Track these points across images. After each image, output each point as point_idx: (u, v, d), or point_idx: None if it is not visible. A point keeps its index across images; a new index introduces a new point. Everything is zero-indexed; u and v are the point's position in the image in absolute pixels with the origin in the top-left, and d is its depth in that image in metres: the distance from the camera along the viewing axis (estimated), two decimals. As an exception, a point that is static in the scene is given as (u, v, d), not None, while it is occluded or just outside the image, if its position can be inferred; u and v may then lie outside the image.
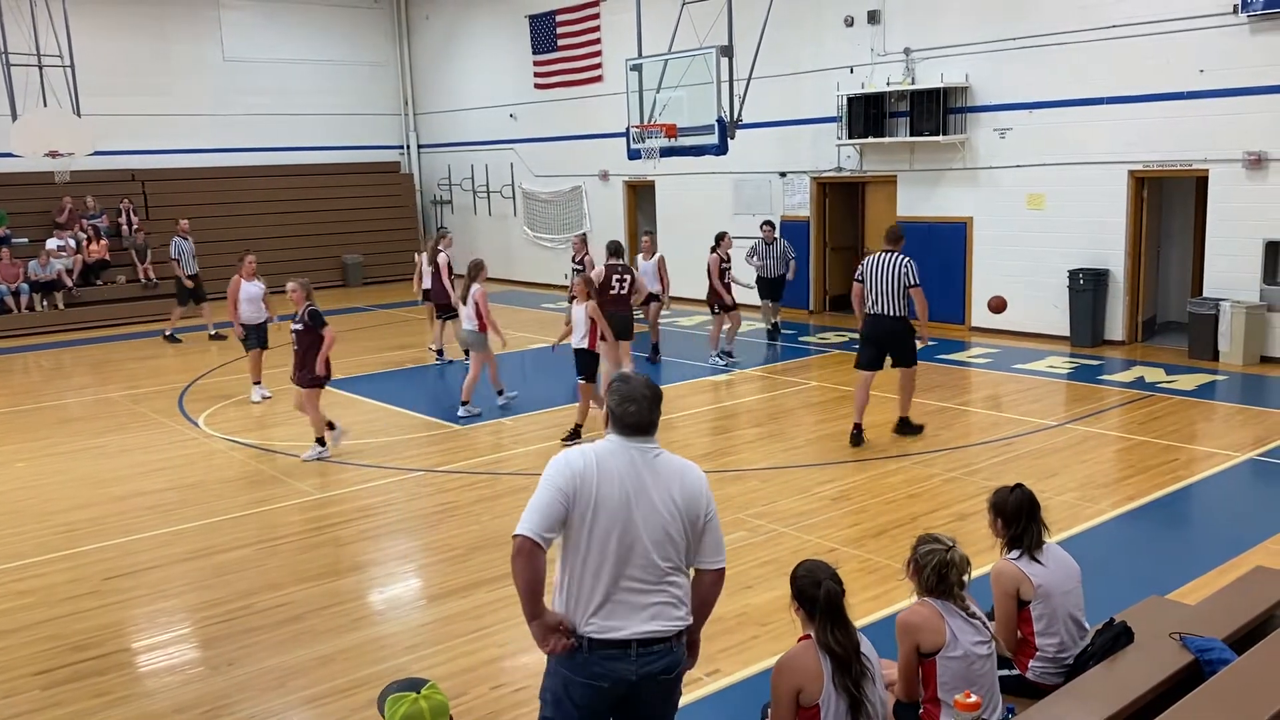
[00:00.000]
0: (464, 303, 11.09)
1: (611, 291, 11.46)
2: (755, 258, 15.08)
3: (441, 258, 13.92)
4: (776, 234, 15.24)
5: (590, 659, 3.42)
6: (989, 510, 4.50)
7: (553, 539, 3.39)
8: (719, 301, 13.48)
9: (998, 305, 10.11)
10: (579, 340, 9.91)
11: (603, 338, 9.95)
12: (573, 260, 14.57)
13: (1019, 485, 4.48)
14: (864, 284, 9.47)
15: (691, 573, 3.62)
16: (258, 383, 12.35)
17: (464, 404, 11.10)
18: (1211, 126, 12.58)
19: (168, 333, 17.20)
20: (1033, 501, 4.42)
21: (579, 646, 3.43)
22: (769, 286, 15.19)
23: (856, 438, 9.56)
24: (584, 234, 14.76)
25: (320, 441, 9.77)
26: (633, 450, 3.49)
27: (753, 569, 6.75)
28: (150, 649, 6.07)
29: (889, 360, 9.64)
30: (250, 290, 12.02)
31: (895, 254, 9.34)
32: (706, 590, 3.64)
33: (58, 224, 20.14)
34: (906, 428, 9.83)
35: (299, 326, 9.59)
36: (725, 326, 13.58)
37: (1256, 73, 12.15)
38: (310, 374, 9.57)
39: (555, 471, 3.43)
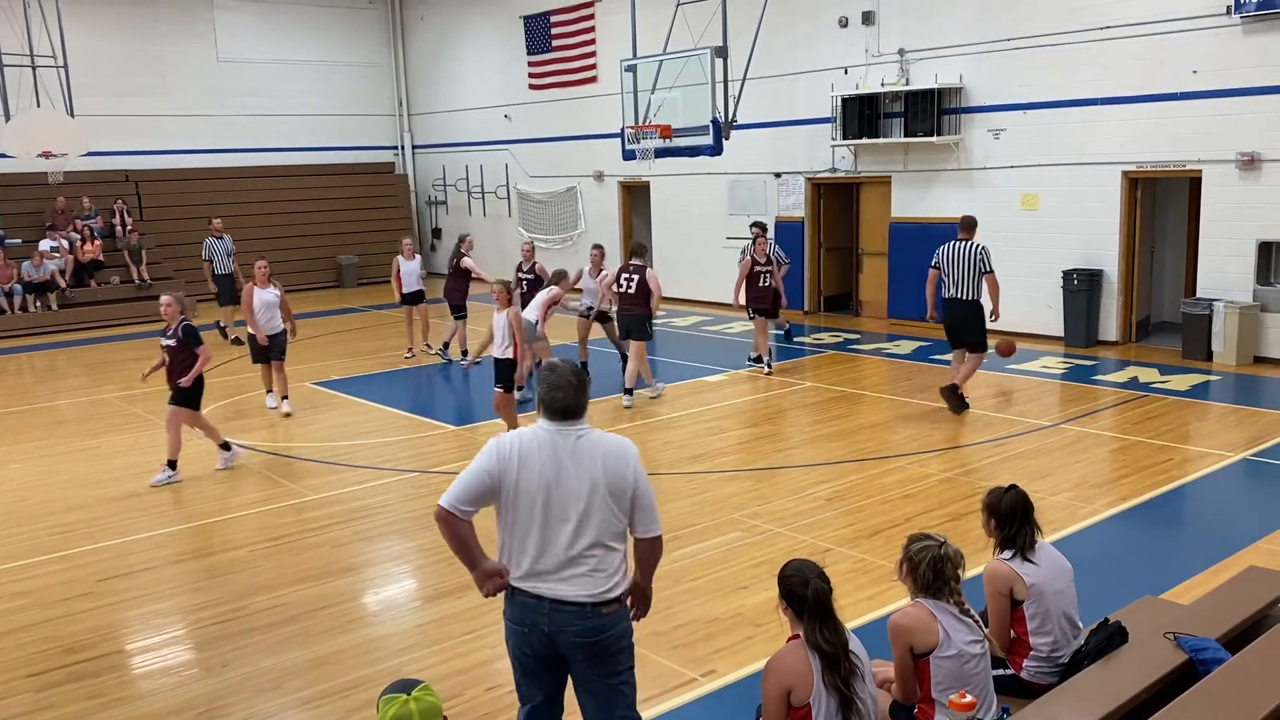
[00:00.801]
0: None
1: (619, 289, 11.56)
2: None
3: (467, 261, 13.97)
4: (769, 236, 14.32)
5: (513, 605, 3.85)
6: (983, 511, 4.51)
7: (472, 511, 3.76)
8: (753, 305, 12.76)
9: (1007, 349, 11.37)
10: (501, 350, 9.63)
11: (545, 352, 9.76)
12: (519, 270, 13.29)
13: (1013, 486, 4.49)
14: (940, 270, 10.39)
15: (630, 542, 3.92)
16: (271, 390, 11.78)
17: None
18: (1205, 127, 12.61)
19: (232, 338, 16.29)
20: (1026, 502, 4.43)
21: (508, 595, 3.85)
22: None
23: (955, 401, 10.46)
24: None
25: (171, 464, 9.18)
26: (557, 436, 3.79)
27: (747, 569, 6.75)
28: (144, 651, 6.05)
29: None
30: (265, 297, 11.32)
31: (970, 241, 10.29)
32: (644, 554, 3.96)
33: (51, 225, 20.08)
34: (954, 397, 10.47)
35: (171, 342, 9.18)
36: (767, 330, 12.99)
37: (1249, 73, 12.18)
38: (183, 390, 9.11)
39: (484, 454, 3.81)
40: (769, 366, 12.84)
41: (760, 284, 12.61)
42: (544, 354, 10.88)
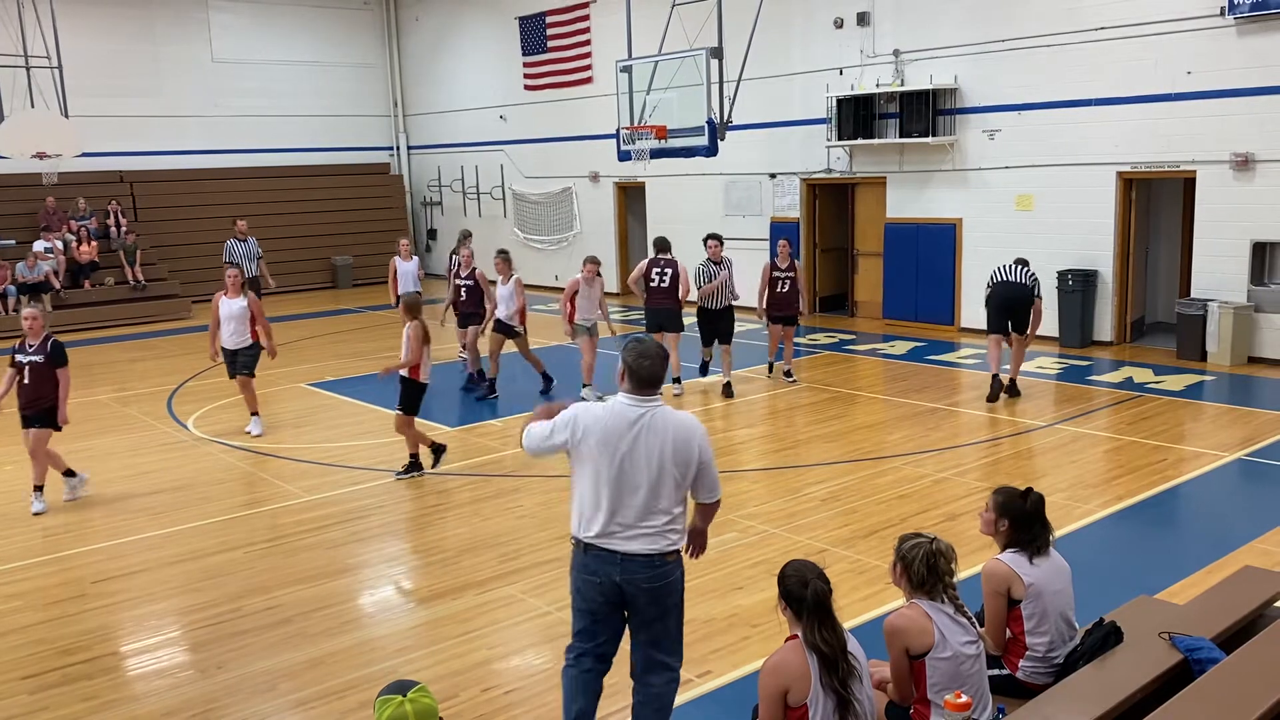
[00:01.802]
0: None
1: (651, 284, 11.57)
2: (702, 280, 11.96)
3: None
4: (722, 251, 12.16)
5: (586, 559, 4.30)
6: (994, 510, 4.45)
7: (549, 450, 4.37)
8: (771, 313, 12.07)
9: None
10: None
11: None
12: (456, 274, 12.38)
13: (1029, 489, 4.47)
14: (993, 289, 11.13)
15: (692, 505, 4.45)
16: (255, 413, 10.88)
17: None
18: (1199, 128, 12.64)
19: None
20: (1043, 506, 4.44)
21: (580, 549, 4.31)
22: (709, 320, 12.01)
23: (997, 391, 10.95)
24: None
25: (38, 488, 8.59)
26: (635, 409, 4.24)
27: (743, 570, 6.75)
28: (139, 653, 6.04)
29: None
30: (231, 308, 10.44)
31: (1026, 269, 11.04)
32: (705, 513, 4.56)
33: (45, 226, 20.03)
34: (1012, 387, 11.09)
35: (37, 358, 8.34)
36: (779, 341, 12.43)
37: (1243, 74, 12.21)
38: (44, 412, 8.43)
39: (564, 423, 4.29)
40: (788, 374, 12.39)
41: (778, 290, 12.06)
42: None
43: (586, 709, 4.42)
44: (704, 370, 12.58)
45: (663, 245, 11.85)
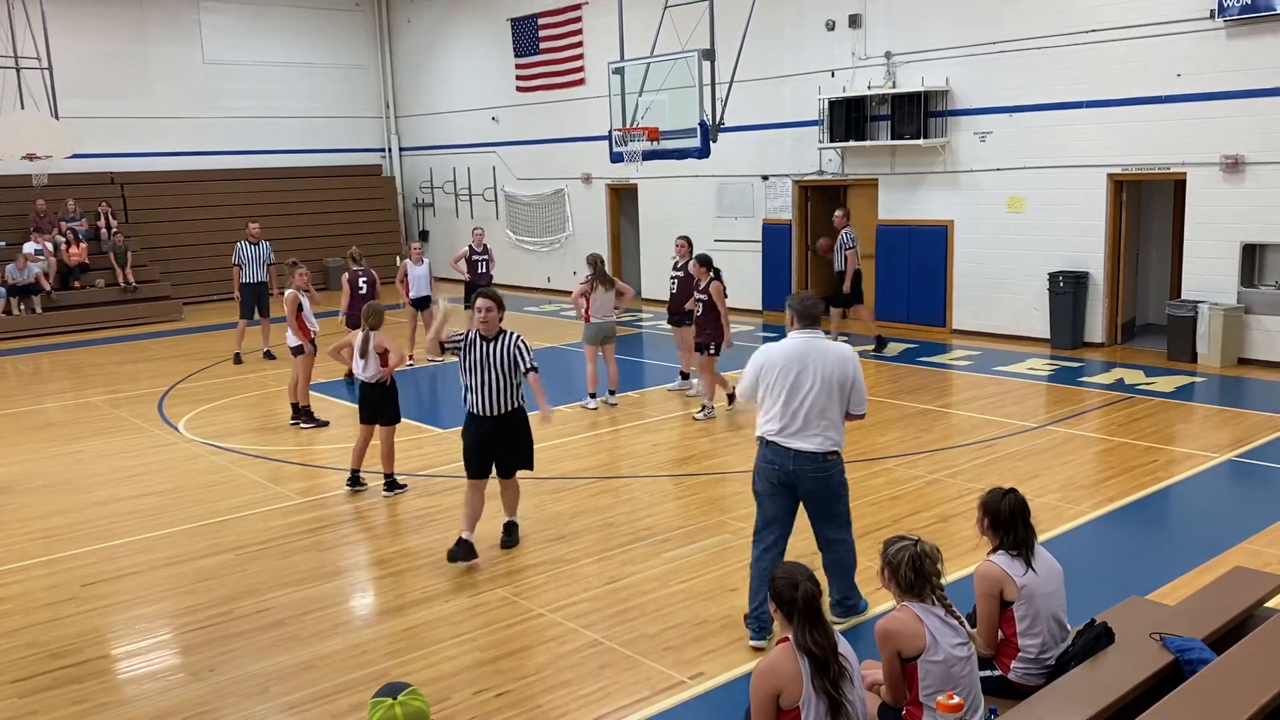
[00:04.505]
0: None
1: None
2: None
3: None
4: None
5: (766, 451, 5.63)
6: (979, 509, 4.51)
7: (757, 396, 5.69)
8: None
9: (825, 248, 12.50)
10: (368, 372, 8.59)
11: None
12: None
13: (1011, 490, 4.49)
14: None
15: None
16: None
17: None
18: (1189, 130, 12.68)
19: (264, 350, 15.39)
20: (1024, 507, 4.44)
21: (763, 444, 5.66)
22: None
23: None
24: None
25: None
26: (803, 341, 5.58)
27: (737, 572, 6.75)
28: (130, 655, 6.02)
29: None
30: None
31: None
32: (851, 423, 5.78)
33: (36, 228, 19.96)
34: None
35: None
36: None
37: (1233, 77, 12.25)
38: None
39: (752, 361, 5.70)
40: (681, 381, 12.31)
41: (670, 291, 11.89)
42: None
43: None
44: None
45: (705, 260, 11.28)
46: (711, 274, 10.79)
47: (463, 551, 6.98)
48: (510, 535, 7.45)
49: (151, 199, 22.49)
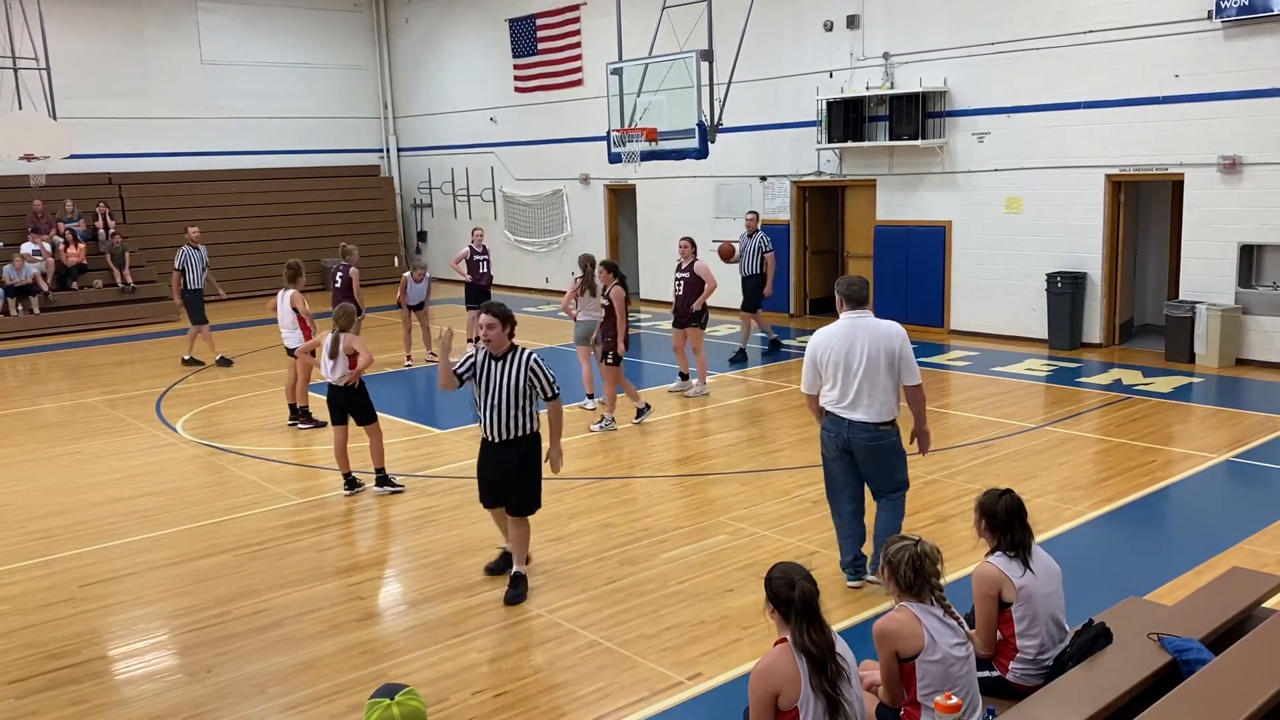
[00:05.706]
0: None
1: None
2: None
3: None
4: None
5: (828, 420, 6.18)
6: (976, 510, 4.52)
7: (820, 386, 6.18)
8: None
9: (725, 252, 12.83)
10: (336, 374, 8.54)
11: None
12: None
13: (1008, 491, 4.49)
14: None
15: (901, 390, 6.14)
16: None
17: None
18: (1186, 131, 12.69)
19: (186, 356, 15.06)
20: (1021, 507, 4.44)
21: (826, 414, 6.19)
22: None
23: None
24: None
25: None
26: (851, 321, 6.06)
27: (734, 572, 6.76)
28: (127, 656, 6.01)
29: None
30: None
31: None
32: (911, 396, 6.18)
33: (33, 228, 19.95)
34: None
35: None
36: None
37: (1230, 78, 12.27)
38: None
39: (808, 350, 6.19)
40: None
41: (675, 293, 12.13)
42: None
43: (860, 541, 6.43)
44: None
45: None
46: (616, 279, 10.53)
47: (500, 565, 6.84)
48: (516, 589, 6.47)
49: (149, 199, 22.47)
